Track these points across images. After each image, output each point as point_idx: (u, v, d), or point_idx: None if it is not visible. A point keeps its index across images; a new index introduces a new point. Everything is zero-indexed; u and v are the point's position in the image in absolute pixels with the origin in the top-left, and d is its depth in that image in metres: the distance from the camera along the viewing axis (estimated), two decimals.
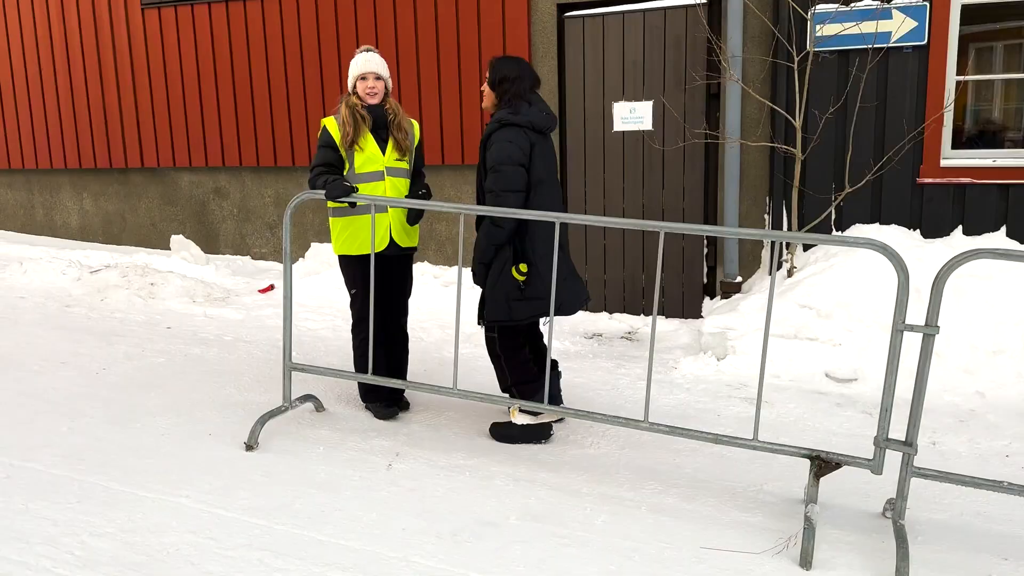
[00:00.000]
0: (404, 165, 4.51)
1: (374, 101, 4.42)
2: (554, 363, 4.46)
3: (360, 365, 4.56)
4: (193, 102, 8.64)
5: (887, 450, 3.32)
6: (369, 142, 4.40)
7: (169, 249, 8.56)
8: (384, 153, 4.43)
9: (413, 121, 4.62)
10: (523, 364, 4.29)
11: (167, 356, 5.51)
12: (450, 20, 7.39)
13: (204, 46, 8.47)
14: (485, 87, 4.24)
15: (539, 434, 4.27)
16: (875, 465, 3.37)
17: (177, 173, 9.00)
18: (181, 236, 8.32)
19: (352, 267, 4.51)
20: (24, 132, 9.64)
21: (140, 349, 5.63)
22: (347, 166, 4.39)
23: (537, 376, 4.25)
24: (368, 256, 4.37)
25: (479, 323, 4.29)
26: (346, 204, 4.31)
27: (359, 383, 4.66)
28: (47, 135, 9.51)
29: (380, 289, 4.45)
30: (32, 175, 9.85)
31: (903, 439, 3.34)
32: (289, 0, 7.99)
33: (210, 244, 8.94)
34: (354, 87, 4.44)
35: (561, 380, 4.56)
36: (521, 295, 4.09)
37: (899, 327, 3.27)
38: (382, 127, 4.44)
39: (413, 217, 4.53)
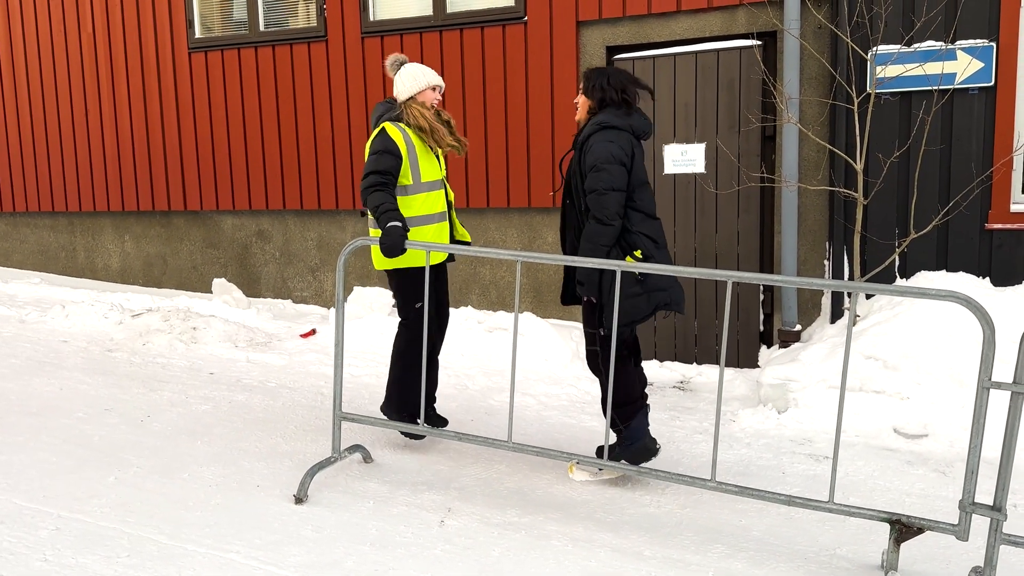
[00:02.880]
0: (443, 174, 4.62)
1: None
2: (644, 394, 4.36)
3: (407, 401, 4.50)
4: (238, 145, 8.67)
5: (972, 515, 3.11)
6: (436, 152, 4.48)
7: (210, 292, 8.52)
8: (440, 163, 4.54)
9: None
10: (631, 381, 4.13)
11: (211, 403, 5.41)
12: (497, 61, 7.35)
13: (249, 89, 8.51)
14: (581, 97, 4.16)
15: (647, 451, 4.16)
16: (960, 531, 3.17)
17: (220, 216, 9.00)
18: (223, 279, 8.28)
19: (412, 279, 4.36)
20: (68, 174, 9.73)
21: (184, 396, 5.54)
22: (410, 176, 4.30)
23: (639, 399, 4.14)
24: (418, 268, 4.32)
25: (588, 330, 4.16)
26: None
27: (387, 402, 4.62)
28: (91, 177, 9.59)
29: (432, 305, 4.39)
30: (75, 217, 9.92)
31: (987, 503, 3.15)
32: (336, 43, 8.02)
33: (251, 288, 8.90)
34: (415, 96, 4.40)
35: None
36: (641, 288, 3.94)
37: (985, 384, 3.08)
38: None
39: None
